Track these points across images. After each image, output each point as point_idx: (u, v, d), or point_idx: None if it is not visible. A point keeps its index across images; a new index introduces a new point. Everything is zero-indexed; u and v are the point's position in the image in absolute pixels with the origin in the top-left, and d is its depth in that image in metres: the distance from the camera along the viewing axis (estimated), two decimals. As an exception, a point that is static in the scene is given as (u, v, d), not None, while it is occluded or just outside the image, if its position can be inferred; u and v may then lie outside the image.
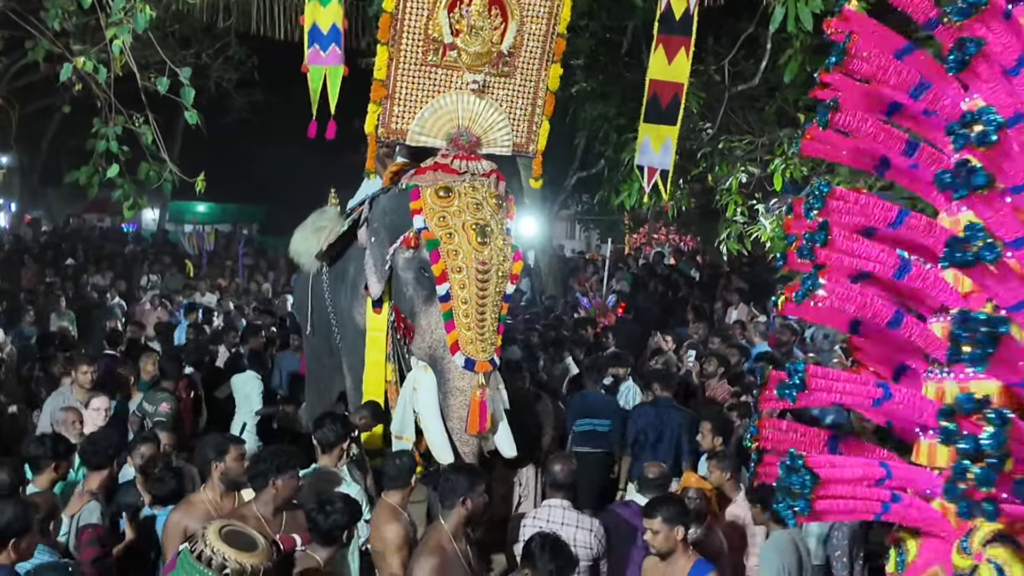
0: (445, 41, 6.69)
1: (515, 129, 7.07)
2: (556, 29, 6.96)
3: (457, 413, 6.25)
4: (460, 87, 6.84)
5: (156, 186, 7.67)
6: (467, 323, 6.25)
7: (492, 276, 6.31)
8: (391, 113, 6.79)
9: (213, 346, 10.35)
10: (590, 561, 5.10)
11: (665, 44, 8.78)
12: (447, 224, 6.36)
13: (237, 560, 3.79)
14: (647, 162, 9.01)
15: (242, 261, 19.21)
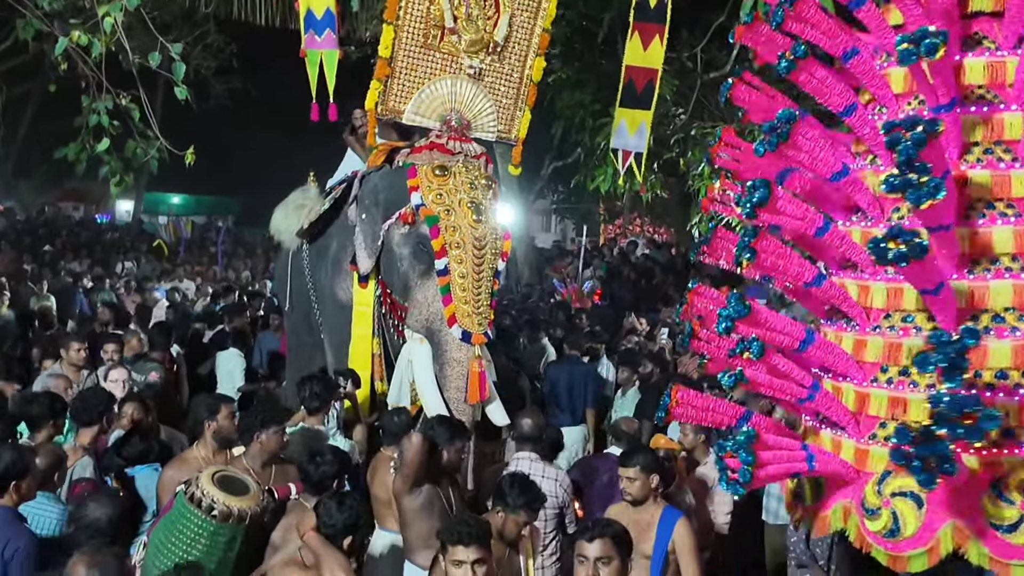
0: (446, 25, 6.91)
1: (500, 116, 7.30)
2: (542, 23, 7.23)
3: (455, 383, 6.42)
4: (456, 71, 7.07)
5: (142, 163, 7.79)
6: (464, 296, 6.43)
7: (487, 252, 6.51)
8: (391, 91, 6.98)
9: (199, 324, 10.48)
10: (556, 509, 5.35)
11: (641, 31, 9.06)
12: (444, 201, 6.55)
13: (226, 503, 4.02)
14: (622, 145, 9.27)
15: (220, 248, 19.31)
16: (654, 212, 20.64)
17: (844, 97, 3.61)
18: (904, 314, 3.43)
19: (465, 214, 6.51)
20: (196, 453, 5.32)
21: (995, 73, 3.45)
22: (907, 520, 3.17)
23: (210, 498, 3.99)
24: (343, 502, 4.12)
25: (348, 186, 7.49)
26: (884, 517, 3.22)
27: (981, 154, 3.41)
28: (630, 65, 9.11)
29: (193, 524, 3.97)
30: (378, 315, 7.13)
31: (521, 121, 7.38)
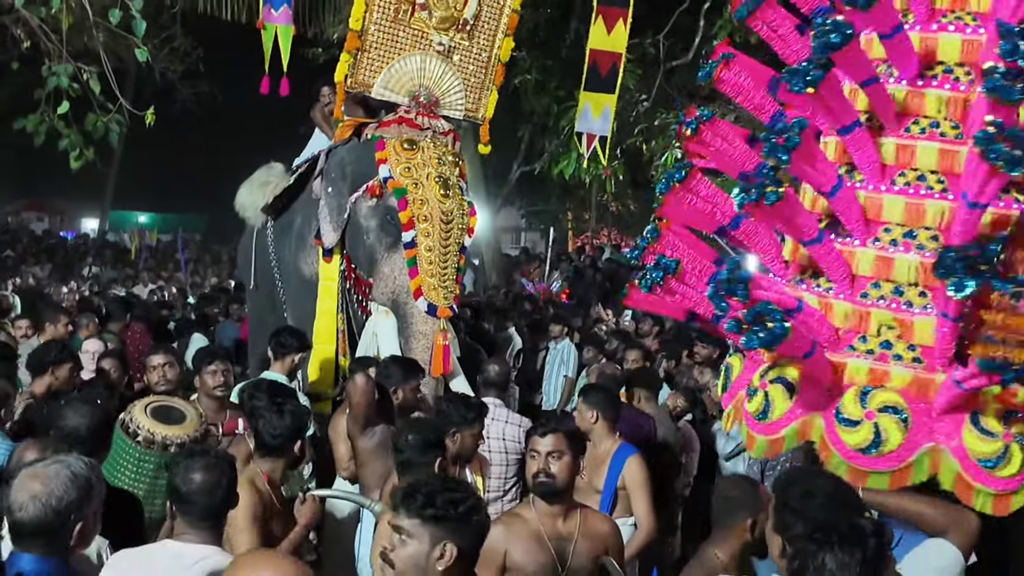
0: (417, 1, 6.94)
1: (468, 95, 7.32)
2: (511, 4, 7.26)
3: (420, 356, 6.33)
4: (426, 48, 7.08)
5: (102, 136, 7.73)
6: (430, 270, 6.43)
7: (454, 227, 6.51)
8: (361, 64, 6.96)
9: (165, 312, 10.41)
10: (518, 455, 5.32)
11: (604, 15, 9.15)
12: (412, 175, 6.54)
13: (151, 430, 3.98)
14: (587, 128, 9.34)
15: (183, 256, 19.14)
16: (621, 223, 20.78)
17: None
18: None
19: (433, 188, 6.50)
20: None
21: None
22: (890, 436, 3.14)
23: (136, 424, 3.96)
24: (282, 409, 3.85)
25: (314, 162, 7.51)
26: (865, 430, 3.18)
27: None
28: (594, 49, 9.21)
29: (122, 451, 3.94)
30: (342, 290, 7.09)
31: (488, 100, 7.43)
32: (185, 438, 4.11)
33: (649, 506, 4.68)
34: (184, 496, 3.02)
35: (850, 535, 2.36)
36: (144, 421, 4.01)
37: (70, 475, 2.60)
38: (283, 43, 8.06)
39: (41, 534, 2.57)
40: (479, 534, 2.57)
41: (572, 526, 3.51)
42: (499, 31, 7.28)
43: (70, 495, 2.58)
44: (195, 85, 18.79)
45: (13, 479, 2.69)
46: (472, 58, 7.28)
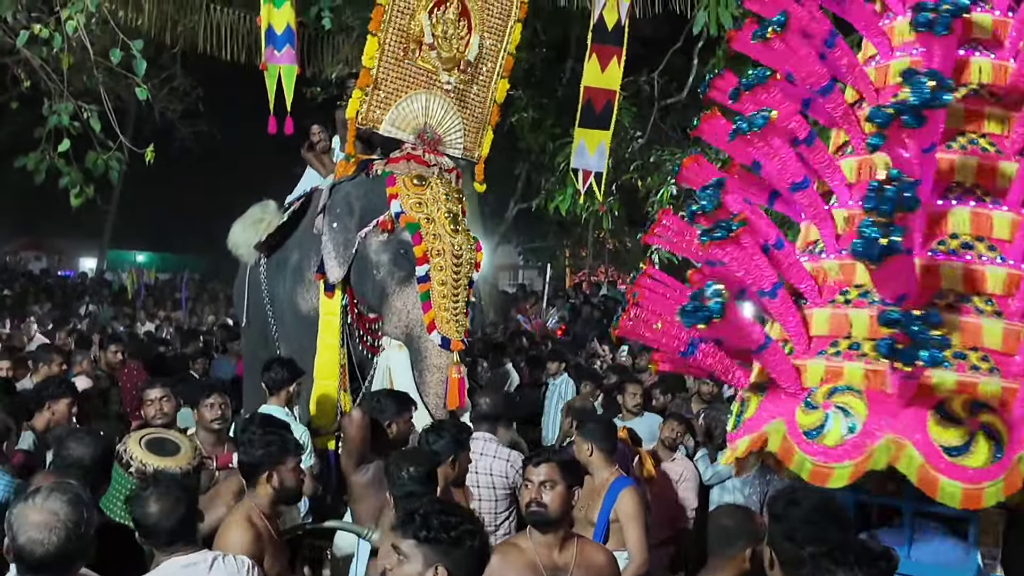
0: (425, 41, 7.06)
1: (467, 134, 7.44)
2: (508, 47, 7.44)
3: (435, 389, 6.46)
4: (432, 86, 7.20)
5: (102, 173, 7.80)
6: (443, 303, 6.50)
7: (464, 262, 6.60)
8: (370, 102, 7.03)
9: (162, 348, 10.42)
10: (508, 490, 5.31)
11: (598, 53, 9.26)
12: (424, 210, 6.65)
13: (143, 461, 4.00)
14: (583, 165, 9.41)
15: (184, 295, 19.17)
16: (618, 260, 20.85)
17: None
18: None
19: (444, 223, 6.61)
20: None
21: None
22: (857, 411, 3.21)
23: (129, 456, 3.99)
24: (258, 438, 3.80)
25: (307, 199, 7.57)
26: (834, 425, 3.25)
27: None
28: (588, 86, 9.29)
29: (118, 483, 3.96)
30: (344, 324, 7.09)
31: (485, 140, 7.54)
32: (178, 470, 4.12)
33: (641, 539, 4.64)
34: (148, 530, 3.12)
35: (865, 556, 2.41)
36: (138, 452, 4.02)
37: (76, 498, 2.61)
38: (286, 83, 8.15)
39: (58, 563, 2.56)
40: (473, 558, 2.58)
41: (568, 556, 3.50)
42: (496, 72, 7.44)
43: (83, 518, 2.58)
44: (194, 124, 18.91)
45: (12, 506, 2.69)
46: (472, 98, 7.41)
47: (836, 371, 3.42)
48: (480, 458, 5.29)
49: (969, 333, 3.28)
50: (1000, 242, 3.46)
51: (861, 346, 3.42)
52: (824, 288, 3.69)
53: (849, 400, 3.28)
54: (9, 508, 2.71)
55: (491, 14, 7.34)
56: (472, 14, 7.23)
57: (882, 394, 3.23)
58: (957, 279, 3.39)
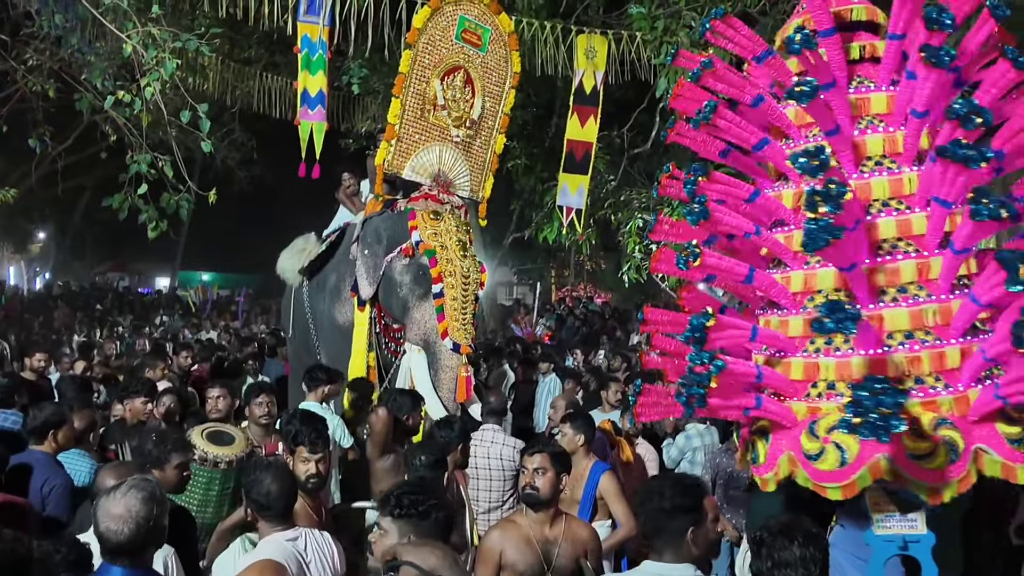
0: (438, 103, 7.19)
1: (473, 178, 7.51)
2: (504, 109, 7.58)
3: (447, 385, 6.52)
4: (444, 140, 7.29)
5: (174, 211, 7.75)
6: (454, 315, 6.56)
7: (471, 281, 6.69)
8: (395, 152, 7.15)
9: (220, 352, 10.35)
10: (513, 471, 5.28)
11: (578, 112, 9.30)
12: (439, 239, 6.74)
13: (204, 449, 3.98)
14: (566, 203, 9.43)
15: (241, 307, 19.12)
16: (595, 278, 20.85)
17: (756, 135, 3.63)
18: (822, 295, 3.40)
19: (455, 250, 6.69)
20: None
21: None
22: (850, 448, 3.04)
23: (201, 450, 3.97)
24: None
25: (342, 232, 7.62)
26: (830, 454, 3.08)
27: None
28: (570, 139, 9.34)
29: None
30: (373, 333, 7.18)
31: (487, 183, 7.58)
32: (233, 457, 4.09)
33: (627, 509, 4.60)
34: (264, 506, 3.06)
35: (811, 534, 2.37)
36: (199, 442, 4.01)
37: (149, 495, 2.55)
38: (316, 137, 8.18)
39: (131, 550, 2.51)
40: (439, 527, 2.63)
41: (557, 532, 3.47)
42: (496, 129, 7.50)
43: (152, 514, 2.53)
44: (250, 169, 18.88)
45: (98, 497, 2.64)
46: (476, 149, 7.51)
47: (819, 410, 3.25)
48: (491, 445, 5.30)
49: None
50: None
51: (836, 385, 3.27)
52: (795, 339, 3.44)
53: (844, 439, 3.10)
54: (97, 498, 2.66)
55: (491, 81, 7.48)
56: (476, 81, 7.37)
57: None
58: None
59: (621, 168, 10.44)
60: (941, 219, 3.29)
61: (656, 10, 8.23)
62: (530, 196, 13.48)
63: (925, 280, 3.27)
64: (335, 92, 11.95)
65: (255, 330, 16.56)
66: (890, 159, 3.48)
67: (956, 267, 3.25)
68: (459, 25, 7.21)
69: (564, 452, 3.68)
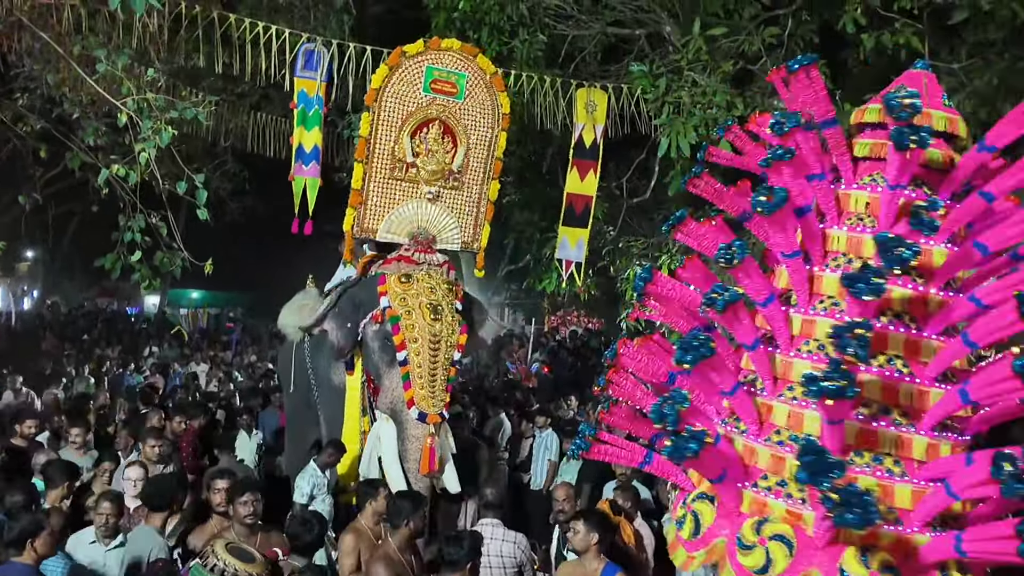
0: (407, 160, 7.01)
1: (463, 230, 7.33)
2: (495, 154, 7.32)
3: (413, 456, 6.32)
4: (419, 196, 7.10)
5: (168, 271, 7.59)
6: (421, 383, 6.38)
7: (442, 345, 6.48)
8: (364, 215, 7.03)
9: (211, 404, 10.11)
10: (515, 568, 5.14)
11: (578, 166, 9.19)
12: (406, 304, 6.55)
13: (245, 570, 3.79)
14: (565, 256, 9.31)
15: (234, 338, 18.90)
16: (589, 306, 20.76)
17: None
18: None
19: (424, 314, 6.48)
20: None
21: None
22: (777, 561, 3.02)
23: (232, 568, 3.79)
24: (308, 521, 4.27)
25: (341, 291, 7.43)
26: (757, 554, 3.06)
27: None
28: (570, 192, 9.22)
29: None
30: (364, 397, 7.00)
31: (483, 233, 7.40)
32: (251, 573, 3.97)
33: None
34: None
35: None
36: (224, 555, 3.88)
37: None
38: (310, 193, 8.05)
39: None
40: None
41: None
42: (487, 176, 7.34)
43: None
44: (242, 200, 18.74)
45: None
46: (463, 200, 7.31)
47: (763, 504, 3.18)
48: (491, 541, 5.13)
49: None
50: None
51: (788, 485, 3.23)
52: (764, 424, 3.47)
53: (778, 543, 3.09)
54: None
55: (474, 128, 7.23)
56: (455, 131, 7.16)
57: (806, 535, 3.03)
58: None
59: (620, 218, 10.33)
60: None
61: (657, 69, 8.11)
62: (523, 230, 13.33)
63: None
64: (330, 130, 11.80)
65: (247, 360, 16.38)
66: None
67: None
68: (426, 76, 7.00)
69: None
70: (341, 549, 5.08)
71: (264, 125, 12.48)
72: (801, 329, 3.36)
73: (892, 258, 2.86)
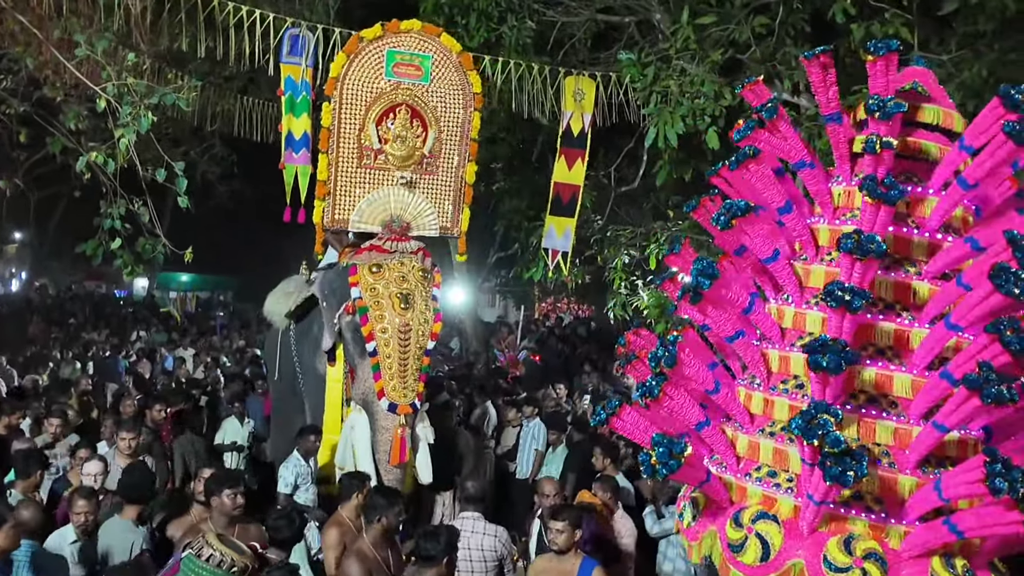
0: (375, 147, 6.94)
1: (441, 215, 7.25)
2: (469, 135, 7.21)
3: (383, 447, 6.29)
4: (390, 183, 7.03)
5: (150, 257, 7.51)
6: (390, 374, 6.33)
7: (412, 335, 6.39)
8: (334, 206, 6.96)
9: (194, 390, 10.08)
10: (496, 561, 5.12)
11: (566, 155, 9.12)
12: (377, 294, 6.47)
13: (234, 558, 3.76)
14: (552, 245, 9.25)
15: (219, 323, 18.78)
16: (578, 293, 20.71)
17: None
18: (796, 382, 3.41)
19: (393, 304, 6.39)
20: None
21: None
22: (774, 540, 3.07)
23: (222, 555, 3.74)
24: (289, 516, 4.34)
25: None
26: (751, 546, 3.12)
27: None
28: (557, 181, 9.15)
29: (191, 571, 3.71)
30: (346, 387, 6.93)
31: (463, 217, 7.33)
32: (254, 565, 3.94)
33: None
34: None
35: None
36: (217, 544, 3.82)
37: None
38: (301, 181, 7.91)
39: None
40: None
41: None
42: (462, 159, 7.22)
43: None
44: (230, 184, 18.58)
45: None
46: (439, 184, 7.21)
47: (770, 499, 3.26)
48: (472, 535, 5.11)
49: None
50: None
51: (778, 475, 3.27)
52: (755, 418, 3.51)
53: (769, 528, 3.12)
54: None
55: (445, 109, 7.10)
56: (424, 114, 7.05)
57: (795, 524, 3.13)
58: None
59: (608, 207, 10.26)
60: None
61: (646, 57, 8.03)
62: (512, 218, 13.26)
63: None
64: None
65: (235, 345, 16.30)
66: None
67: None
68: (388, 60, 6.90)
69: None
70: (325, 543, 5.06)
71: (251, 109, 12.29)
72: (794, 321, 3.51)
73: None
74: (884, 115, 3.15)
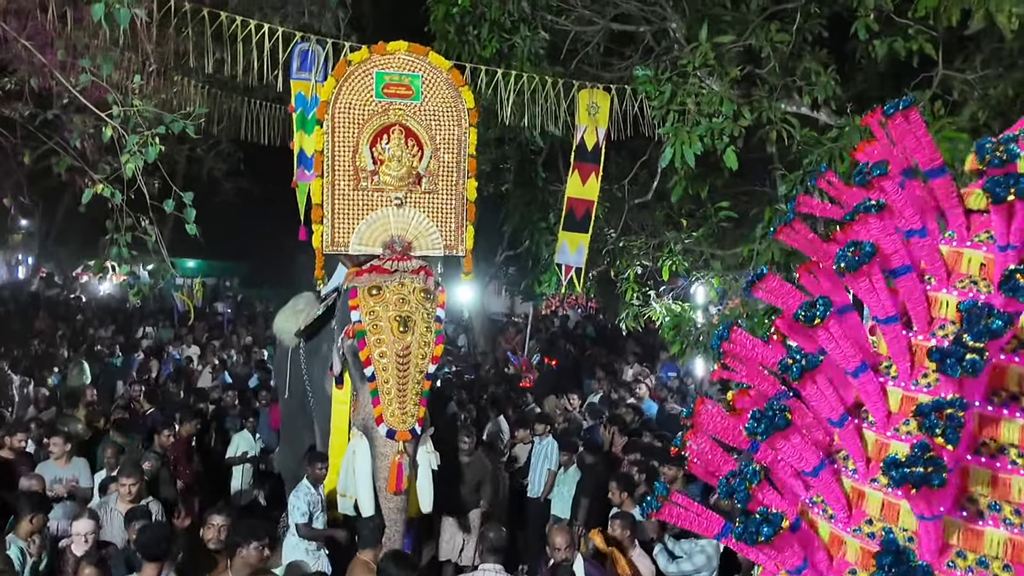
0: (369, 169, 6.86)
1: (444, 233, 7.13)
2: (467, 152, 7.11)
3: (383, 474, 6.25)
4: (388, 203, 6.94)
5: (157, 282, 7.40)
6: (389, 399, 6.25)
7: (412, 359, 6.29)
8: (333, 229, 6.88)
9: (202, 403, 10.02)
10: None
11: (580, 169, 8.98)
12: (376, 316, 6.37)
13: None
14: (565, 261, 9.15)
15: (226, 317, 18.69)
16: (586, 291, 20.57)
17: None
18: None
19: (392, 327, 6.28)
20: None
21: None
22: None
23: None
24: None
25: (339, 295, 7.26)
26: None
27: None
28: (571, 196, 9.03)
29: None
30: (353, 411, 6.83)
31: (467, 235, 7.22)
32: None
33: None
34: None
35: None
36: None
37: None
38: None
39: None
40: None
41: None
42: (461, 176, 7.12)
43: None
44: (236, 181, 18.42)
45: None
46: (440, 203, 7.11)
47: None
48: (492, 588, 5.01)
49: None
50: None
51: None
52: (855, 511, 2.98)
53: None
54: None
55: (439, 127, 7.05)
56: (419, 133, 6.99)
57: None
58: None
59: (622, 219, 10.11)
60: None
61: (662, 72, 7.83)
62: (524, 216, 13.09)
63: None
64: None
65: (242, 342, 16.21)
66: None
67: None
68: (377, 82, 6.88)
69: None
70: None
71: (257, 112, 12.11)
72: (900, 405, 2.94)
73: (980, 330, 2.51)
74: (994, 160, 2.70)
